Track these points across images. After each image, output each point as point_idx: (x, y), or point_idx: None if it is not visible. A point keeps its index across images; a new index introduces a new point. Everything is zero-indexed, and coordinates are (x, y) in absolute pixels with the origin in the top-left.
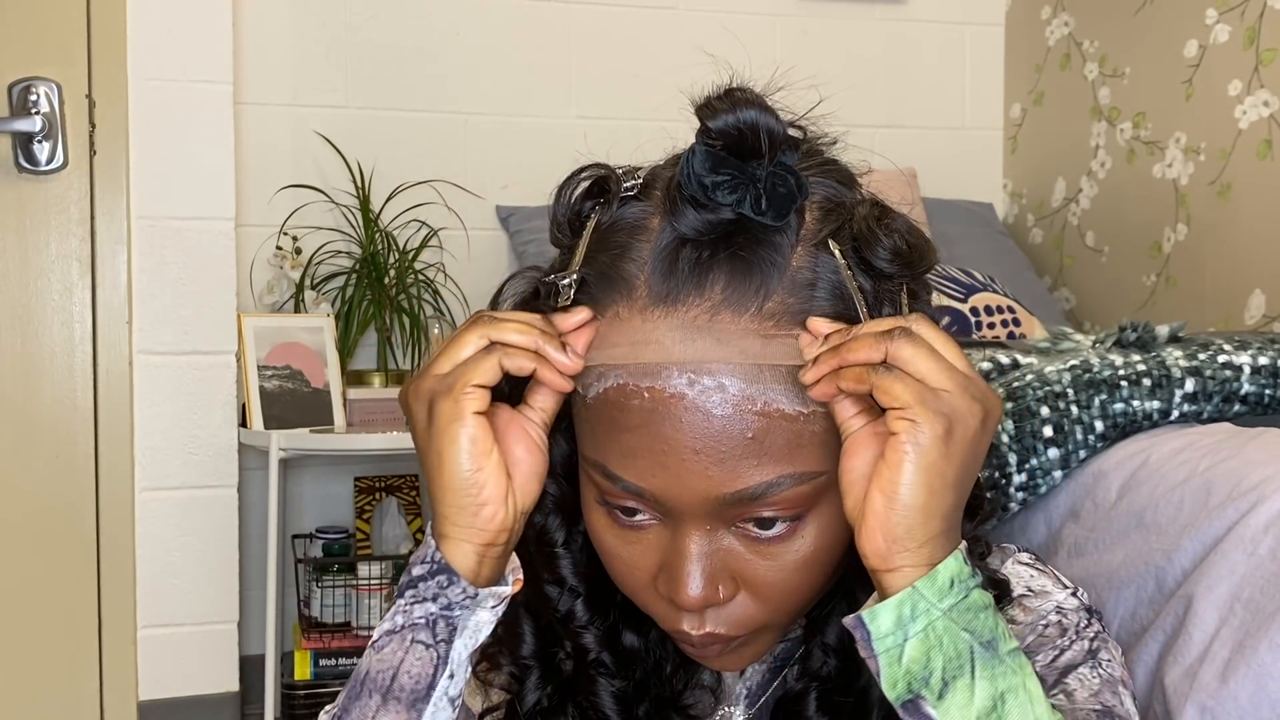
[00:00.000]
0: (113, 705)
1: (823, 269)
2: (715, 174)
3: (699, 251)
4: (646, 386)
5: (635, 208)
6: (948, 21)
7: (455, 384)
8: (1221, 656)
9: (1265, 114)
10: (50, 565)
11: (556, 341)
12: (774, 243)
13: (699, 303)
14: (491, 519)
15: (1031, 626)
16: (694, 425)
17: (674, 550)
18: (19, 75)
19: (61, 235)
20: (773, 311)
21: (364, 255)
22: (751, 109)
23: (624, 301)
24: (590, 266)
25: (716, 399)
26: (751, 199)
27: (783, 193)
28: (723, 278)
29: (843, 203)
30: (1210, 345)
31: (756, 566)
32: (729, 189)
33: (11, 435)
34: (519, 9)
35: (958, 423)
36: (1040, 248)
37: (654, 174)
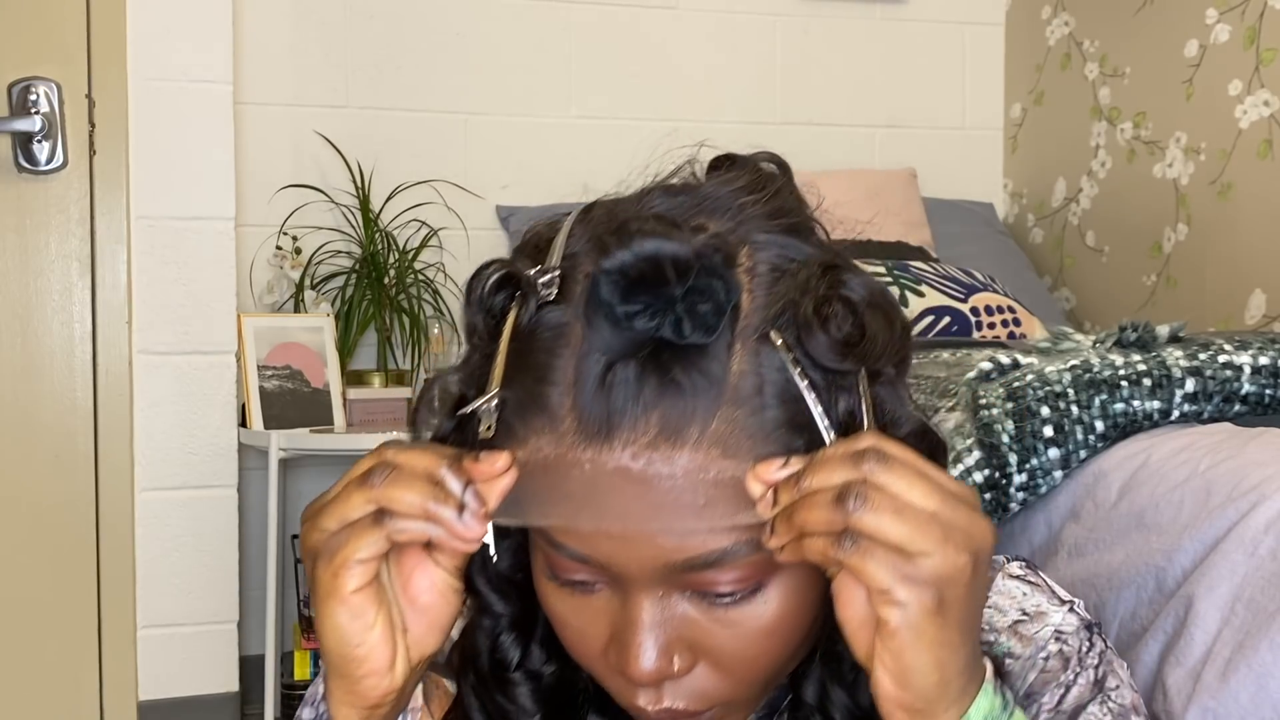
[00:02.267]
0: (113, 705)
1: (767, 368)
2: (627, 303)
3: (626, 376)
4: (588, 457)
5: (554, 313)
6: (948, 21)
7: (335, 555)
8: (1223, 657)
9: (1265, 114)
10: (50, 565)
11: (455, 502)
12: (708, 354)
13: (633, 439)
14: (372, 689)
15: (1031, 661)
16: (639, 495)
17: (624, 619)
18: (19, 75)
19: (61, 235)
20: (718, 435)
21: (364, 255)
22: (649, 239)
23: (548, 434)
24: (509, 388)
25: (665, 469)
26: (671, 324)
27: (705, 310)
28: (656, 406)
29: (788, 272)
30: (1211, 345)
31: (715, 635)
32: (645, 316)
33: (11, 435)
34: (519, 9)
35: (948, 587)
36: (1040, 248)
37: (573, 264)
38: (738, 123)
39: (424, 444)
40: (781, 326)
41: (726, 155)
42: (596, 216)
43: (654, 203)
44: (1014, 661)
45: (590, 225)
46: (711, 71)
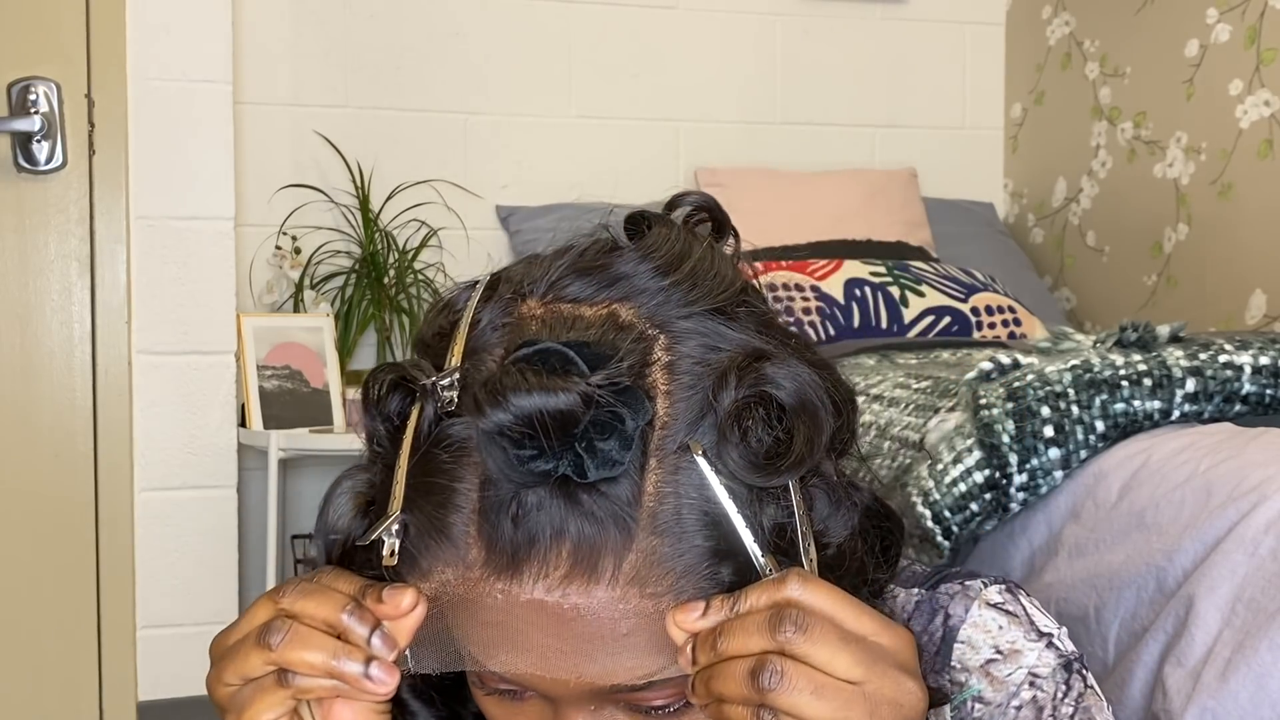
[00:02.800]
0: (112, 705)
1: (686, 487)
2: (520, 448)
3: (533, 504)
4: (499, 589)
5: (456, 426)
6: (948, 21)
7: (243, 713)
8: (1223, 657)
9: (1266, 114)
10: (50, 565)
11: (362, 654)
12: (616, 485)
13: (544, 573)
14: None
15: (1002, 709)
16: (557, 632)
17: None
18: (18, 75)
19: (61, 235)
20: (635, 568)
21: (364, 255)
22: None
23: (455, 565)
24: (411, 510)
25: (581, 604)
26: (571, 465)
27: (607, 448)
28: (566, 537)
29: (710, 366)
30: (1211, 345)
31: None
32: (541, 460)
33: (11, 435)
34: (519, 9)
35: None
36: (1041, 248)
37: (475, 364)
38: (738, 123)
39: (326, 577)
40: (702, 434)
41: (640, 213)
42: (502, 298)
43: (565, 284)
44: (984, 707)
45: (497, 307)
46: (711, 71)
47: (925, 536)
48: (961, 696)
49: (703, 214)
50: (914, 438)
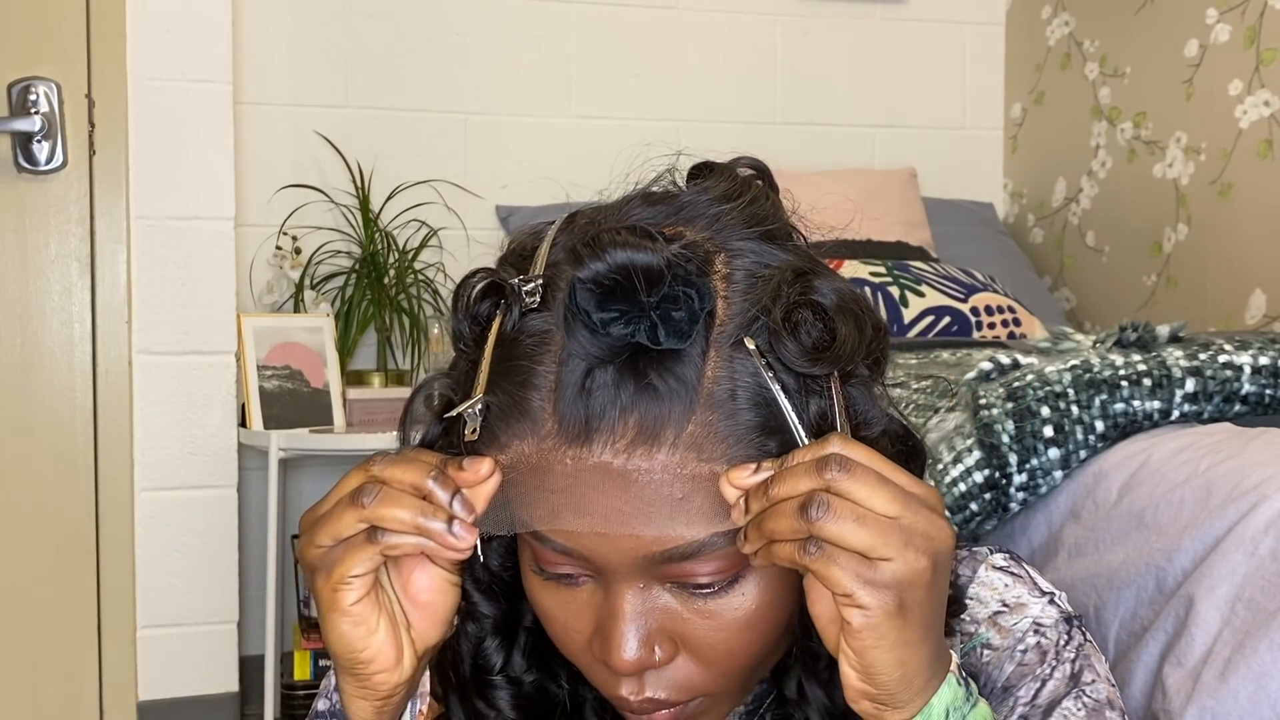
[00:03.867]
0: (112, 705)
1: (741, 373)
2: (603, 310)
3: (604, 381)
4: (569, 457)
5: (537, 320)
6: (948, 21)
7: (333, 571)
8: (1223, 656)
9: (1266, 114)
10: (50, 565)
11: (445, 514)
12: (683, 359)
13: (611, 441)
14: (382, 684)
15: (1009, 653)
16: (619, 492)
17: (607, 610)
18: (19, 75)
19: (61, 235)
20: (693, 438)
21: (364, 255)
22: (621, 250)
23: (530, 438)
24: (493, 392)
25: (642, 468)
26: (646, 330)
27: (679, 317)
28: (634, 409)
29: (762, 278)
30: (1211, 345)
31: (695, 626)
32: (621, 323)
33: (11, 435)
34: (519, 9)
35: (908, 591)
36: (1040, 248)
37: (556, 272)
38: (738, 123)
39: (411, 453)
40: (755, 333)
41: (705, 163)
42: (579, 225)
43: (634, 211)
44: (992, 653)
45: (572, 234)
46: (711, 71)
47: None
48: (970, 644)
49: (754, 168)
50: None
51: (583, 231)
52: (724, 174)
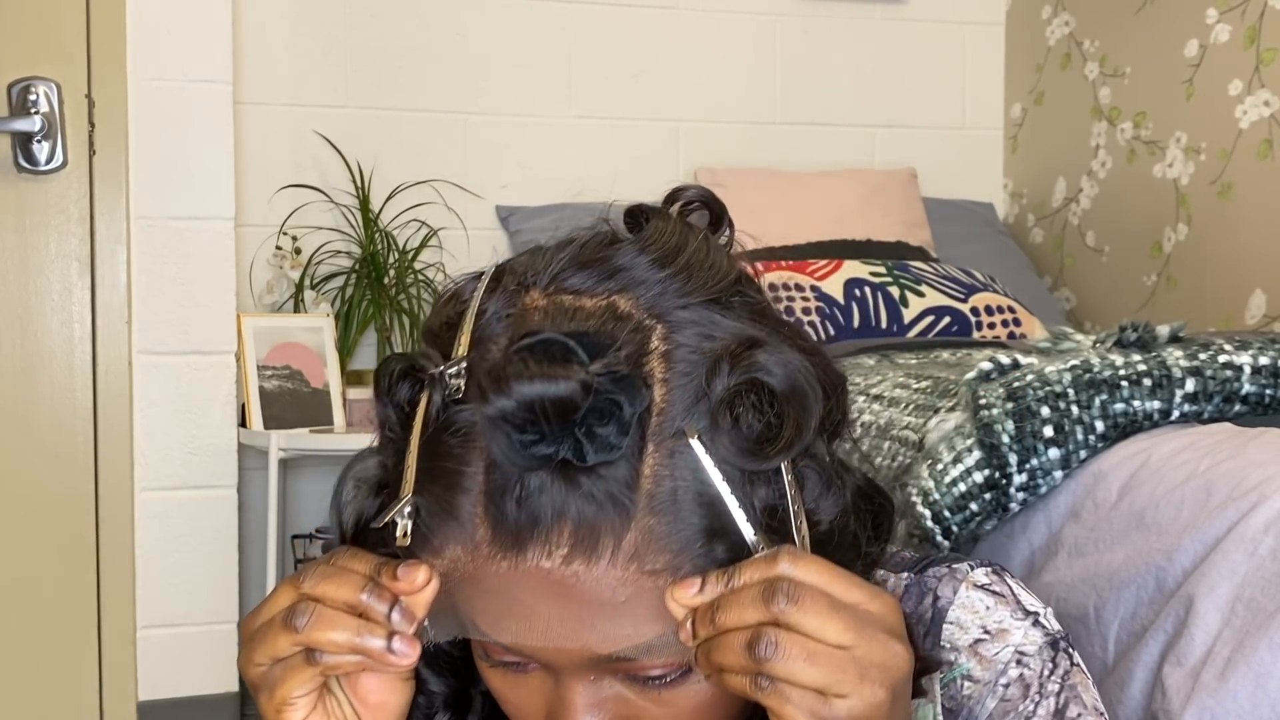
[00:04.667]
0: (112, 705)
1: (682, 469)
2: (522, 433)
3: (535, 487)
4: (504, 568)
5: (464, 411)
6: (948, 21)
7: (275, 692)
8: (1223, 657)
9: (1266, 114)
10: (50, 565)
11: (383, 630)
12: (614, 467)
13: (547, 550)
14: None
15: (991, 687)
16: (559, 600)
17: (559, 702)
18: (19, 75)
19: (61, 235)
20: (634, 546)
21: (364, 255)
22: (528, 384)
23: (464, 544)
24: (421, 493)
25: (582, 580)
26: (571, 449)
27: (604, 434)
28: (567, 518)
29: (704, 354)
30: (1211, 345)
31: (650, 714)
32: (544, 445)
33: (11, 435)
34: (519, 9)
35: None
36: (1040, 248)
37: (481, 354)
38: (738, 123)
39: (343, 560)
40: (698, 419)
41: (640, 207)
42: (506, 289)
43: (565, 276)
44: (973, 685)
45: (501, 298)
46: (711, 71)
47: (925, 536)
48: (950, 675)
49: (700, 206)
50: (914, 438)
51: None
52: (661, 224)
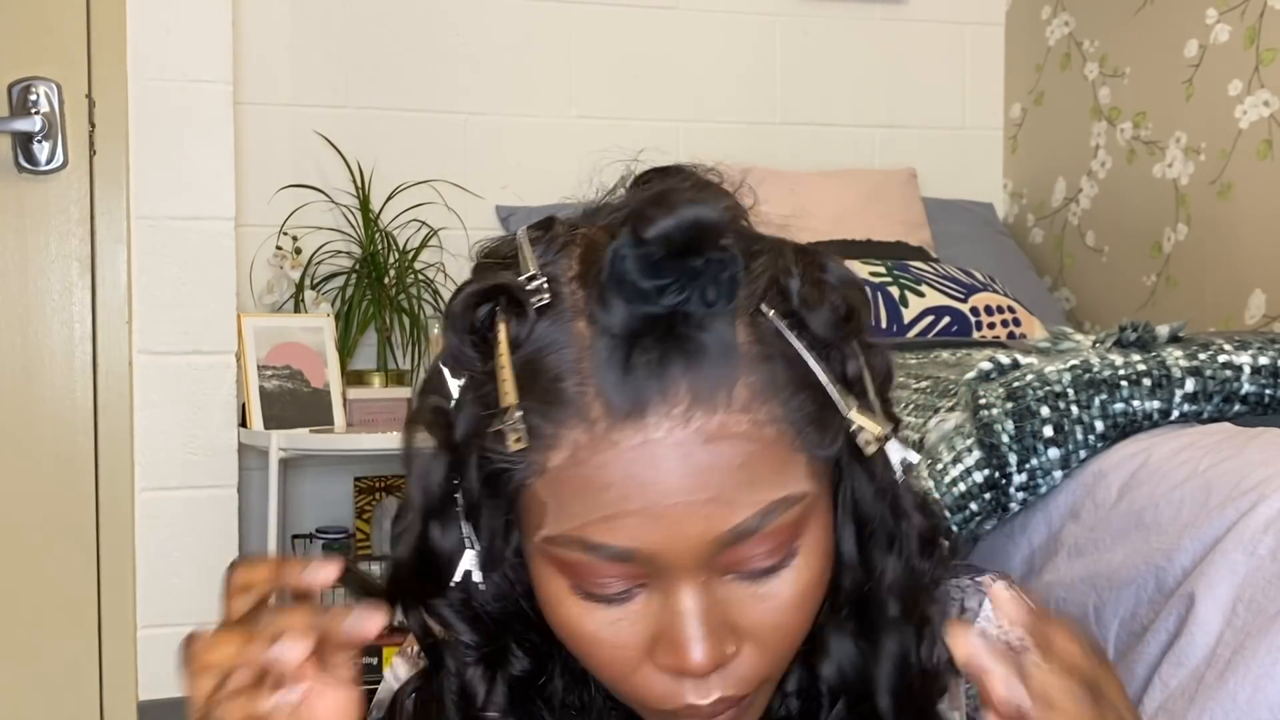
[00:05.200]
0: (113, 705)
1: (766, 334)
2: (654, 278)
3: (647, 354)
4: (624, 439)
5: (550, 316)
6: (948, 21)
7: None
8: (1224, 658)
9: (1265, 114)
10: (50, 565)
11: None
12: (718, 324)
13: (667, 412)
14: None
15: None
16: (682, 465)
17: (670, 614)
18: (19, 75)
19: (61, 235)
20: (742, 399)
21: (364, 255)
22: (691, 208)
23: (578, 427)
24: (524, 395)
25: (701, 438)
26: (698, 294)
27: (727, 277)
28: (683, 378)
29: (758, 253)
30: (1210, 345)
31: (755, 611)
32: (674, 290)
33: (11, 435)
34: (519, 9)
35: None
36: (1040, 248)
37: (551, 270)
38: (738, 123)
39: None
40: (770, 301)
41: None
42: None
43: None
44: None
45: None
46: (711, 71)
47: None
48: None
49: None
50: (914, 438)
51: (567, 232)
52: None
